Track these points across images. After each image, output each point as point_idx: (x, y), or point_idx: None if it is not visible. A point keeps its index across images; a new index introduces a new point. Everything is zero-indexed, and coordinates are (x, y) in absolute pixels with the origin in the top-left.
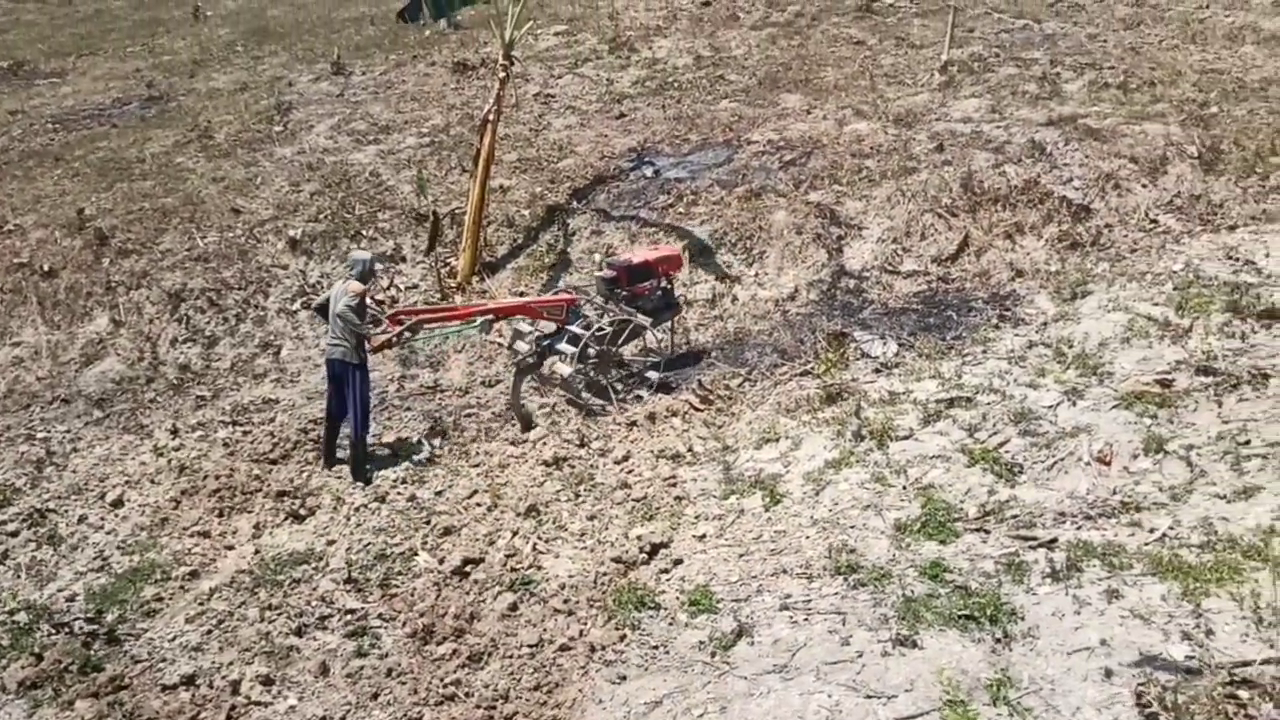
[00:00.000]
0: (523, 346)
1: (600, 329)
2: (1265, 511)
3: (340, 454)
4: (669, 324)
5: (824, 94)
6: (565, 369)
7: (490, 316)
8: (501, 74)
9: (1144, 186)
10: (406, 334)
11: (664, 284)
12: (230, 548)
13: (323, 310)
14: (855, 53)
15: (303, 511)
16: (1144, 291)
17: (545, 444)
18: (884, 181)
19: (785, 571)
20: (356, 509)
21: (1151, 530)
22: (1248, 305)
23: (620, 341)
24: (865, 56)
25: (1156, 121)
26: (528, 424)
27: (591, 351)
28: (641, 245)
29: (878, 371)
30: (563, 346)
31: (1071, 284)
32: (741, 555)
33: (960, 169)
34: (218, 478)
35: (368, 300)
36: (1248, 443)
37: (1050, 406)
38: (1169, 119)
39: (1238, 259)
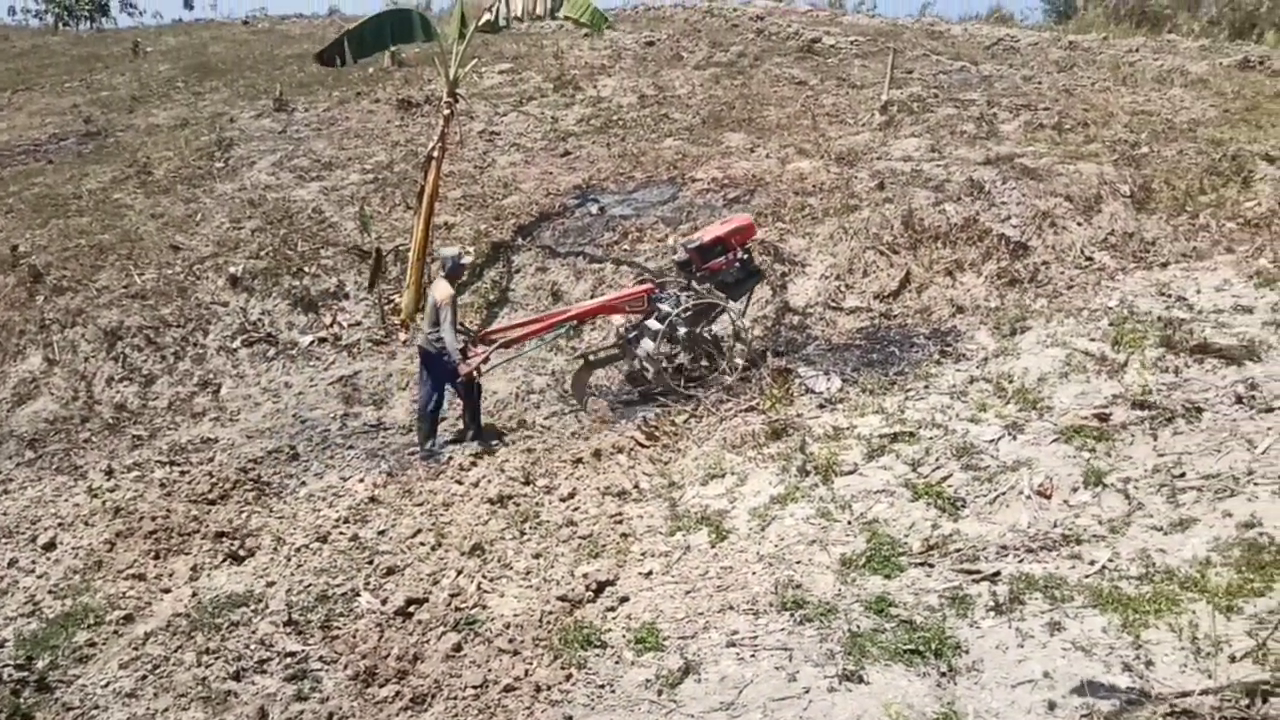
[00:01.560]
0: (647, 344)
1: (681, 312)
2: (1201, 543)
3: (445, 436)
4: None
5: (767, 133)
6: (648, 347)
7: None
8: (446, 111)
9: (1079, 224)
10: (487, 361)
11: (741, 255)
12: (166, 590)
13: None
14: (797, 93)
15: (242, 553)
16: (1081, 327)
17: (490, 482)
18: (826, 219)
19: (732, 608)
20: (297, 549)
21: (1091, 562)
22: (1180, 340)
23: (704, 323)
24: (807, 96)
25: (1090, 161)
26: (589, 404)
27: (681, 333)
28: (712, 222)
29: (822, 407)
30: (645, 343)
31: (1011, 320)
32: (688, 592)
33: (901, 207)
34: (154, 519)
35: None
36: (1182, 475)
37: (991, 441)
38: (1102, 159)
39: (1170, 295)
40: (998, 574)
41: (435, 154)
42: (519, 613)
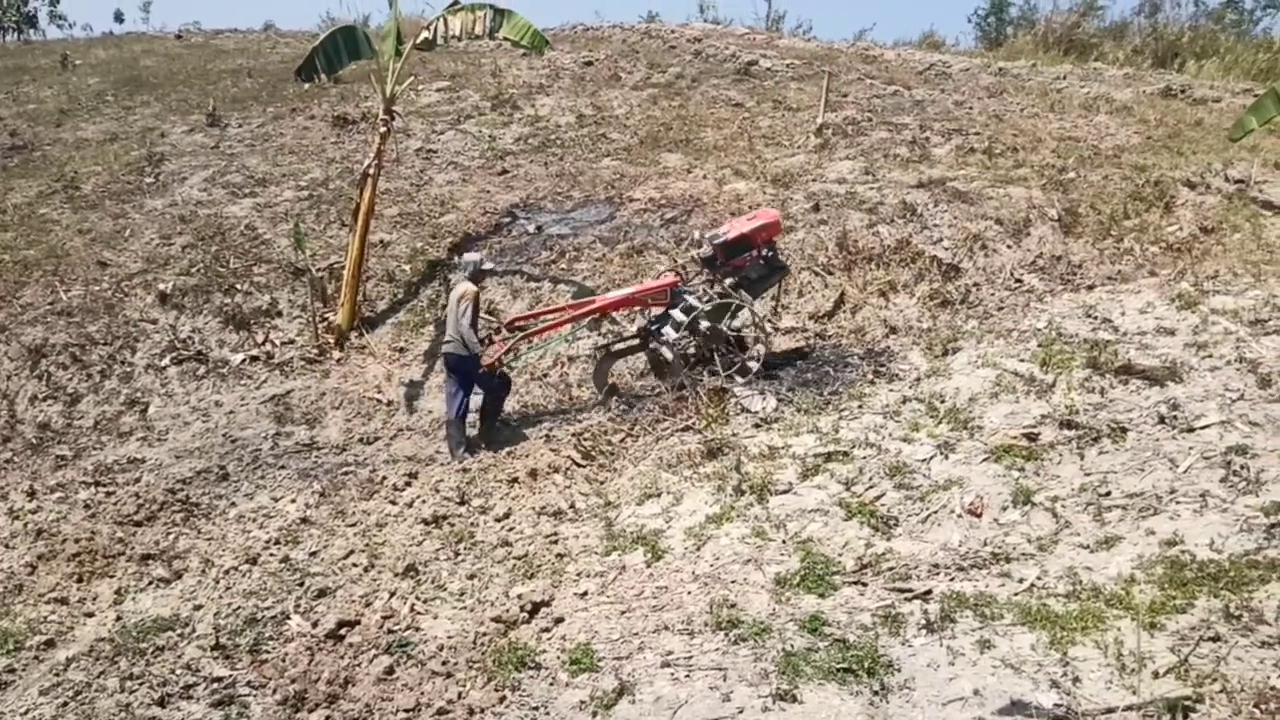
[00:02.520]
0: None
1: (702, 306)
2: (1125, 560)
3: (471, 433)
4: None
5: (704, 154)
6: (670, 336)
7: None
8: (382, 129)
9: (1009, 247)
10: (513, 353)
11: (765, 252)
12: (90, 614)
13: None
14: (734, 115)
15: (168, 575)
16: (1010, 348)
17: (424, 502)
18: None
19: (667, 628)
20: (226, 571)
21: (1020, 580)
22: (1106, 361)
23: (723, 319)
24: (744, 118)
25: (1019, 185)
26: (610, 396)
27: (703, 326)
28: (739, 217)
29: (757, 426)
30: (667, 331)
31: (943, 340)
32: (623, 612)
33: (835, 228)
34: (78, 541)
35: (480, 307)
36: (1108, 494)
37: (924, 460)
38: (1031, 183)
39: (1096, 317)
40: (929, 592)
41: (371, 171)
42: (453, 634)
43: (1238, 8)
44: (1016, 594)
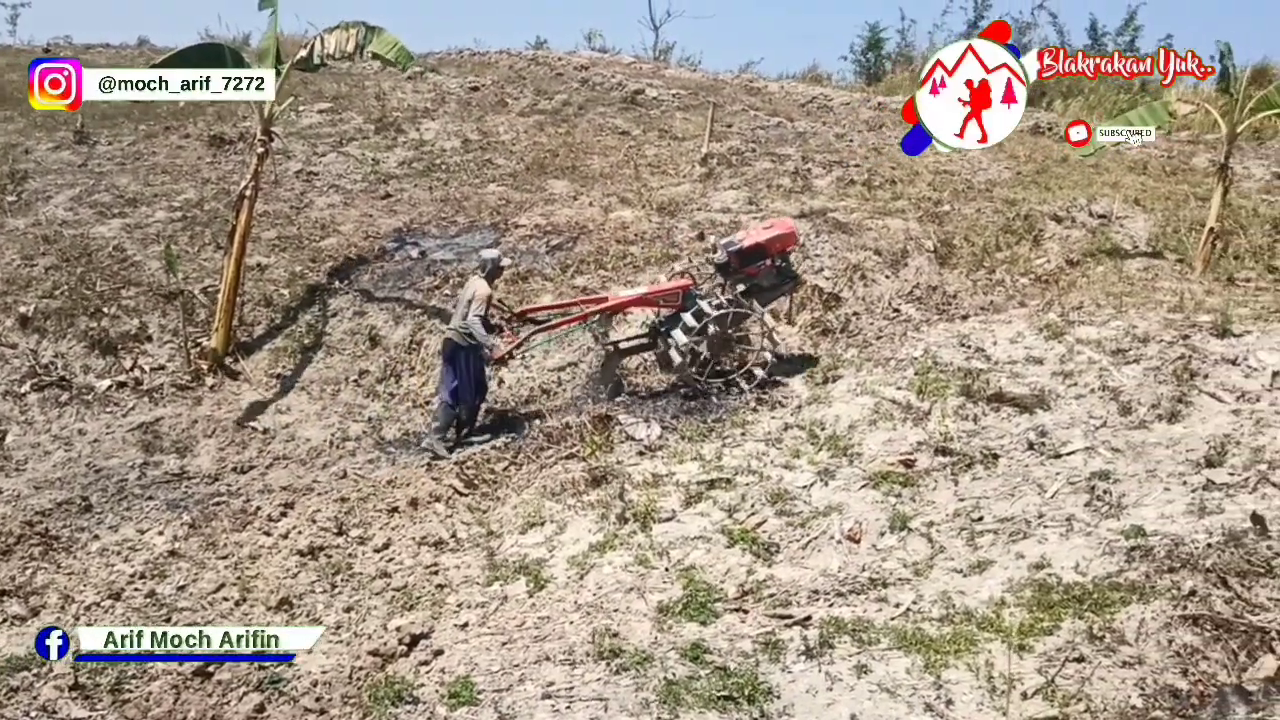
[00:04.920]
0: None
1: (715, 310)
2: (997, 584)
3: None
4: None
5: (590, 181)
6: (680, 339)
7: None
8: (260, 149)
9: (887, 277)
10: (522, 347)
11: (778, 262)
12: None
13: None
14: (620, 142)
15: (24, 613)
16: (888, 376)
17: (300, 533)
18: (648, 267)
19: (548, 658)
20: (87, 608)
21: (897, 605)
22: (979, 390)
23: (735, 325)
24: (630, 146)
25: (897, 217)
26: (615, 393)
27: (712, 331)
28: (755, 225)
29: (642, 454)
30: (677, 333)
31: (824, 369)
32: (504, 643)
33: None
34: None
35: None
36: (981, 519)
37: (804, 487)
38: (908, 215)
39: (970, 346)
40: (809, 618)
41: (248, 193)
42: (327, 669)
43: (1100, 50)
44: (893, 618)
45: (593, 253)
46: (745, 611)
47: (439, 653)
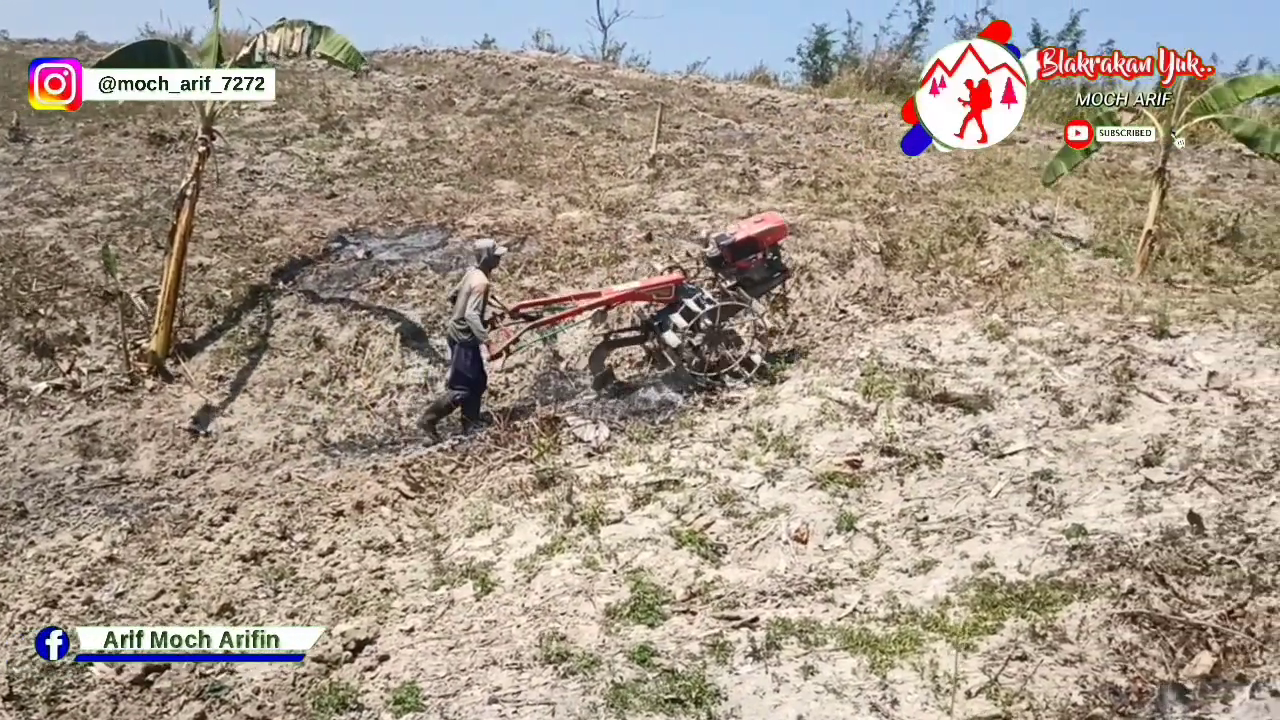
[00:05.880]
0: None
1: (709, 305)
2: (941, 584)
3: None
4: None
5: (538, 181)
6: (671, 340)
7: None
8: (201, 148)
9: (834, 279)
10: (517, 342)
11: (769, 255)
12: None
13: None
14: (569, 143)
15: None
16: (835, 377)
17: (243, 538)
18: (595, 268)
19: (495, 663)
20: (22, 616)
21: (843, 605)
22: (924, 390)
23: (727, 318)
24: (578, 147)
25: (844, 219)
26: (603, 382)
27: (705, 325)
28: (746, 219)
29: (590, 456)
30: (669, 335)
31: (771, 369)
32: (451, 648)
33: (667, 258)
34: None
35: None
36: (926, 519)
37: (752, 488)
38: (854, 216)
39: (915, 347)
40: (756, 620)
41: (189, 192)
42: (270, 676)
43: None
44: (839, 619)
45: (540, 253)
46: (693, 613)
47: (384, 658)
